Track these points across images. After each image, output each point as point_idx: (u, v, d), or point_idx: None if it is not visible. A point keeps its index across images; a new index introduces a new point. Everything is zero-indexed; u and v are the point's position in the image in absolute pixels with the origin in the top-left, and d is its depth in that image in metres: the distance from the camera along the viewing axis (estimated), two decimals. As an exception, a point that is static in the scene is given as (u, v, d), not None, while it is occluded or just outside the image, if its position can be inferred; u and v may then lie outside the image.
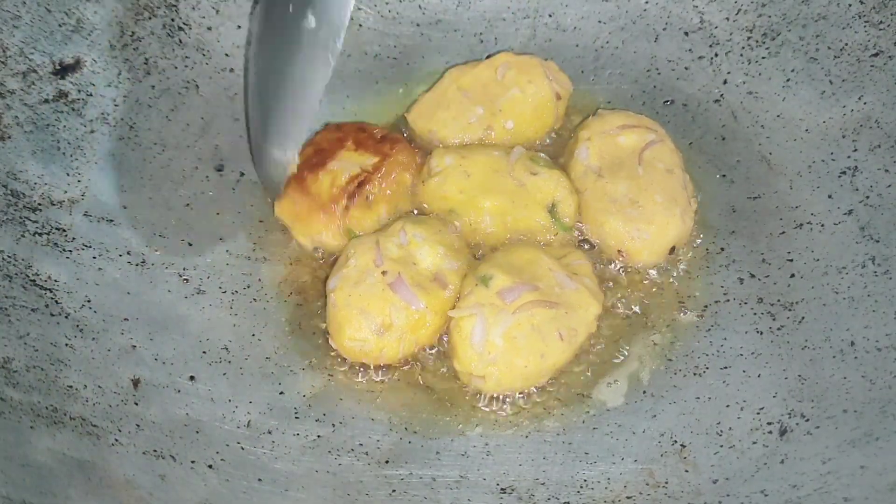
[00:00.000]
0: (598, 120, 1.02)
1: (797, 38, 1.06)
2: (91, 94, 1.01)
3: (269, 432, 0.88)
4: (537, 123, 1.05)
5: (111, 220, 0.97)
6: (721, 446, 0.87)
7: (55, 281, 0.91)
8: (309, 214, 0.98)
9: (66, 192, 0.96)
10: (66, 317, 0.89)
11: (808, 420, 0.87)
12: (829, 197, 1.00)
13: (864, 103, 1.01)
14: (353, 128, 1.03)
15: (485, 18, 1.15)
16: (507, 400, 0.91)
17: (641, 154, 0.98)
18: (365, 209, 0.97)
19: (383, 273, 0.90)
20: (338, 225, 0.97)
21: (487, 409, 0.91)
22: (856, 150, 1.00)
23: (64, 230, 0.94)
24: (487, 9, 1.15)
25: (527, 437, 0.89)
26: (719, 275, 0.98)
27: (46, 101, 0.98)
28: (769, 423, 0.87)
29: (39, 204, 0.94)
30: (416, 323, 0.90)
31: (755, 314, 0.95)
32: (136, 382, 0.88)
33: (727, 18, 1.09)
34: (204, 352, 0.93)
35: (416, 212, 1.01)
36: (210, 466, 0.84)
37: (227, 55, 1.09)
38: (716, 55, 1.09)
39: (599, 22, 1.13)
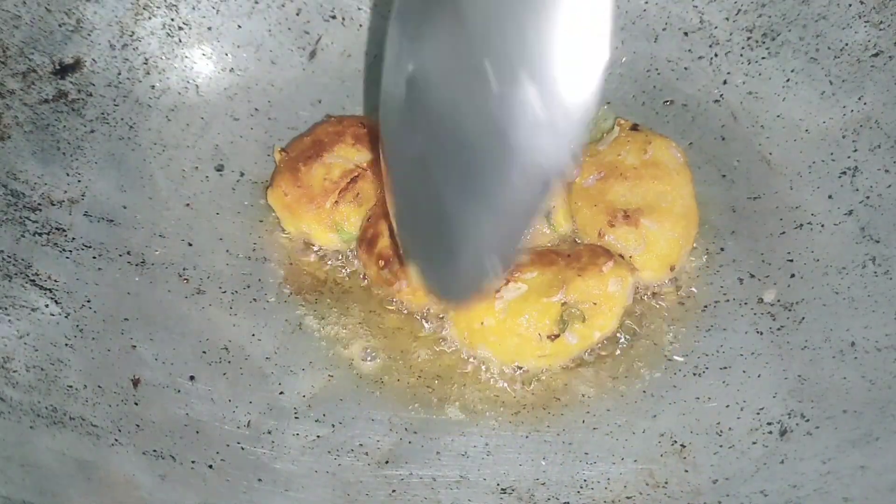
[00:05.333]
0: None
1: (797, 38, 1.06)
2: (91, 94, 1.01)
3: (269, 432, 0.88)
4: None
5: (111, 220, 0.97)
6: (721, 446, 0.87)
7: (55, 281, 0.91)
8: (298, 205, 0.98)
9: (66, 192, 0.96)
10: (66, 317, 0.89)
11: (808, 420, 0.87)
12: (829, 197, 1.00)
13: (864, 103, 1.01)
14: (355, 122, 1.03)
15: (485, 18, 1.15)
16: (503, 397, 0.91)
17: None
18: (355, 206, 0.97)
19: None
20: (326, 219, 0.97)
21: (486, 408, 0.91)
22: (856, 151, 1.00)
23: (64, 230, 0.94)
24: (487, 9, 1.15)
25: (527, 437, 0.89)
26: (719, 275, 0.98)
27: (46, 101, 0.98)
28: (769, 423, 0.87)
29: (39, 204, 0.94)
30: None
31: (755, 314, 0.95)
32: (136, 382, 0.88)
33: (727, 18, 1.09)
34: (204, 352, 0.93)
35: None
36: (210, 466, 0.84)
37: (227, 55, 1.09)
38: (716, 55, 1.09)
39: (599, 22, 1.13)
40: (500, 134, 0.60)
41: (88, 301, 0.91)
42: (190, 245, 0.99)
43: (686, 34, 1.11)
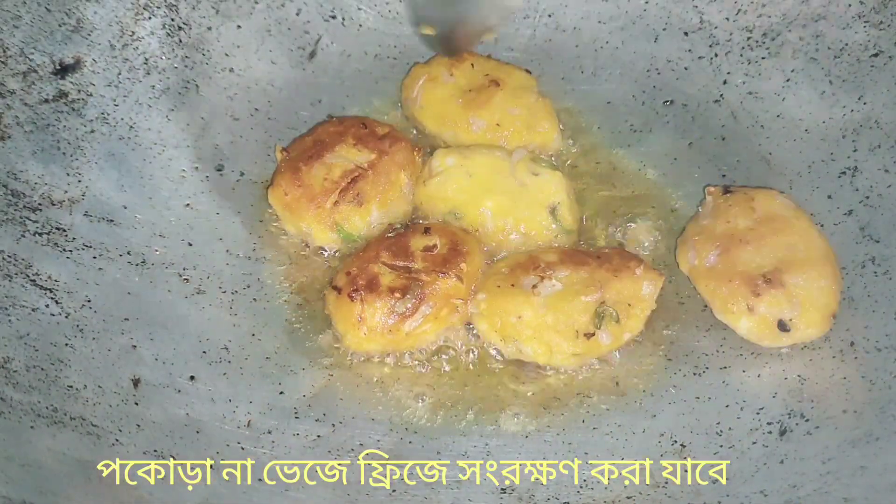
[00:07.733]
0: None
1: (797, 38, 1.06)
2: (91, 94, 1.01)
3: (269, 432, 0.88)
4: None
5: (111, 220, 0.97)
6: (721, 446, 0.87)
7: (55, 281, 0.91)
8: (298, 205, 0.97)
9: (66, 192, 0.96)
10: (66, 317, 0.89)
11: (808, 420, 0.87)
12: (829, 197, 1.00)
13: (864, 103, 1.01)
14: (356, 122, 1.02)
15: (485, 18, 1.15)
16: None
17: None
18: (355, 206, 0.97)
19: None
20: (326, 219, 0.97)
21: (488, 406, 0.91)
22: (856, 150, 1.00)
23: (64, 230, 0.94)
24: (487, 9, 1.15)
25: (527, 437, 0.89)
26: (719, 275, 0.98)
27: (46, 101, 0.98)
28: (769, 423, 0.87)
29: (39, 204, 0.94)
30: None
31: (755, 314, 0.95)
32: (136, 382, 0.88)
33: (727, 18, 1.09)
34: (204, 352, 0.93)
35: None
36: (210, 466, 0.84)
37: (227, 55, 1.09)
38: (716, 55, 1.09)
39: (599, 22, 1.13)
40: None
41: (88, 301, 0.91)
42: (190, 245, 0.99)
43: (686, 34, 1.11)
